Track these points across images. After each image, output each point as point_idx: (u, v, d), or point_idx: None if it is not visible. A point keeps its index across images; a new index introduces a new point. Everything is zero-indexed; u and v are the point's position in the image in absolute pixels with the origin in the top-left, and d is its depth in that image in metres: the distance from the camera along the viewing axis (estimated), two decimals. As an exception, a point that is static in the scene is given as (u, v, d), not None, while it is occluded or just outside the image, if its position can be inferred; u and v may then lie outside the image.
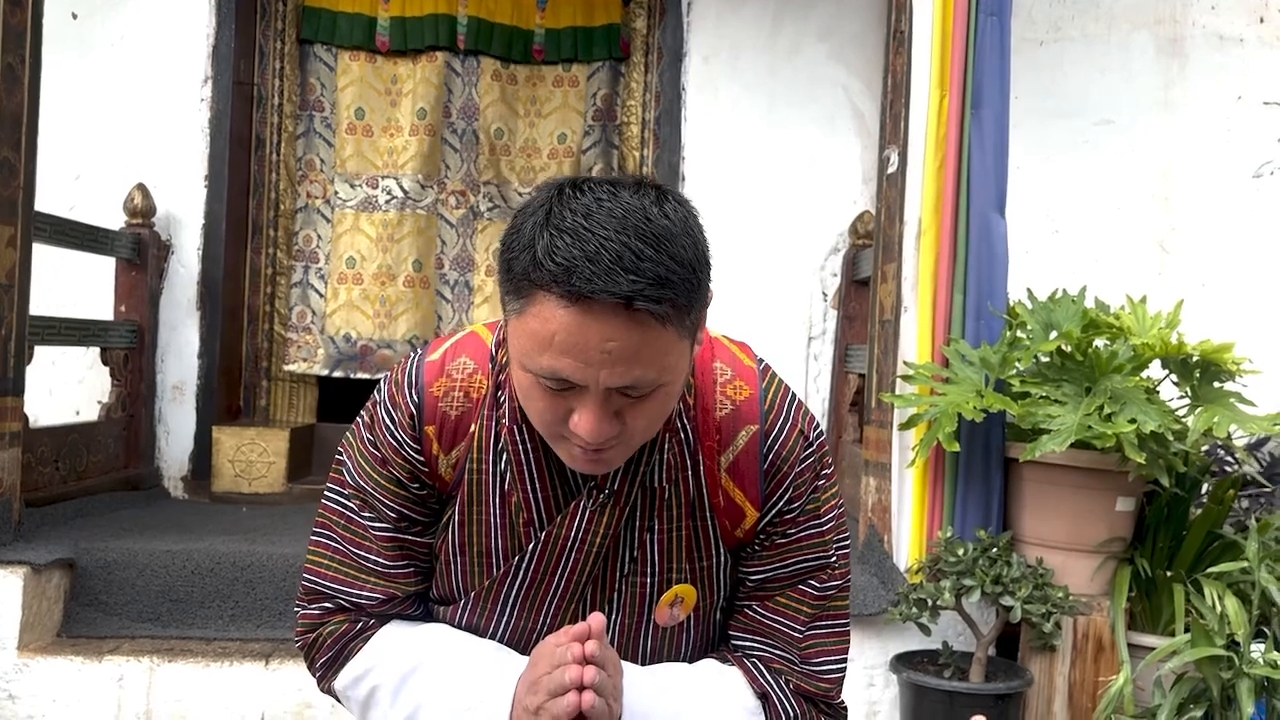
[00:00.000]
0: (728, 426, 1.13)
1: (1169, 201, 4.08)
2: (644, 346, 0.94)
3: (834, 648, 1.20)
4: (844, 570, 1.21)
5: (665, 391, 1.00)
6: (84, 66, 3.98)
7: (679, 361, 0.99)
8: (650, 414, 1.01)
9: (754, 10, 4.18)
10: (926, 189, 2.88)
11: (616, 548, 1.14)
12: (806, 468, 1.15)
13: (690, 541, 1.14)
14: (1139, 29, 4.11)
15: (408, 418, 1.14)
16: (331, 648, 1.20)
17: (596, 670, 1.00)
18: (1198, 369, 2.76)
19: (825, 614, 1.19)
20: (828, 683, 1.19)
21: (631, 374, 0.95)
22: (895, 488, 2.87)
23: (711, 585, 1.17)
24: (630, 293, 0.91)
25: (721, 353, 1.17)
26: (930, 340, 2.86)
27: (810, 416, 1.19)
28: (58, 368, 3.92)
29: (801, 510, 1.15)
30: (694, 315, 0.99)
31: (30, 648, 2.78)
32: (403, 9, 4.28)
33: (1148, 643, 2.66)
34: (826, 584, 1.19)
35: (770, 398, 1.16)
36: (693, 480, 1.13)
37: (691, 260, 0.95)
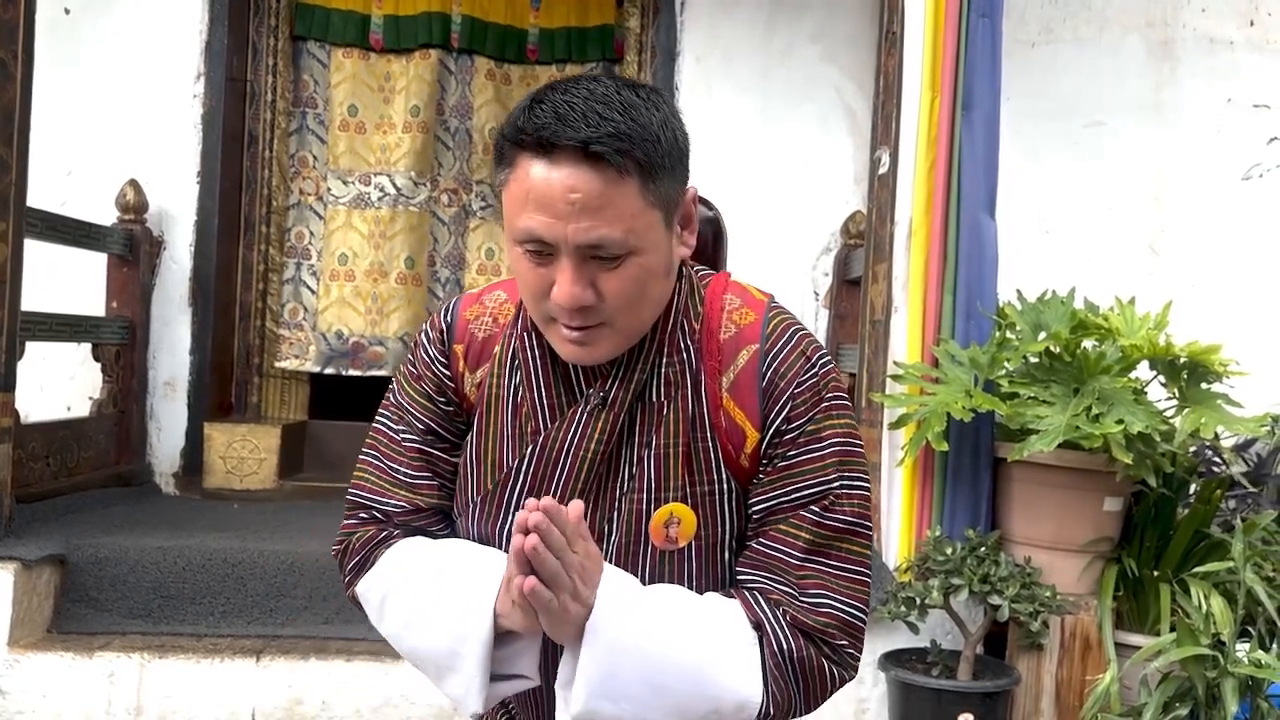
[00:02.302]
0: (730, 348, 1.15)
1: (1159, 203, 4.10)
2: (607, 201, 1.01)
3: (838, 587, 1.11)
4: (855, 510, 1.13)
5: (638, 264, 1.05)
6: (76, 62, 3.98)
7: (648, 231, 1.05)
8: (625, 289, 1.05)
9: (747, 11, 4.19)
10: (917, 190, 2.89)
11: (615, 463, 1.15)
12: (807, 388, 1.12)
13: (688, 460, 1.13)
14: (1130, 31, 4.14)
15: (439, 335, 1.24)
16: (358, 553, 1.26)
17: (543, 517, 1.00)
18: (1185, 370, 2.78)
19: (830, 550, 1.11)
20: (825, 618, 1.09)
21: (597, 231, 1.01)
22: (884, 487, 2.89)
23: (714, 513, 1.13)
24: (587, 138, 0.99)
25: (734, 288, 1.21)
26: (920, 340, 2.88)
27: (817, 345, 1.16)
28: (49, 363, 3.91)
29: (801, 431, 1.11)
30: (661, 184, 1.04)
31: (21, 644, 2.78)
32: (396, 7, 4.28)
33: (1134, 642, 2.68)
34: (829, 515, 1.11)
35: (774, 321, 1.16)
36: (693, 398, 1.14)
37: (654, 126, 1.03)
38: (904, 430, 2.80)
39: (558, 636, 1.06)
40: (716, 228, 1.36)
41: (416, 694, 2.78)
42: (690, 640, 1.07)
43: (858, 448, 1.16)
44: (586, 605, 1.04)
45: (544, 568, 1.01)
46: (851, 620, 1.12)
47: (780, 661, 1.08)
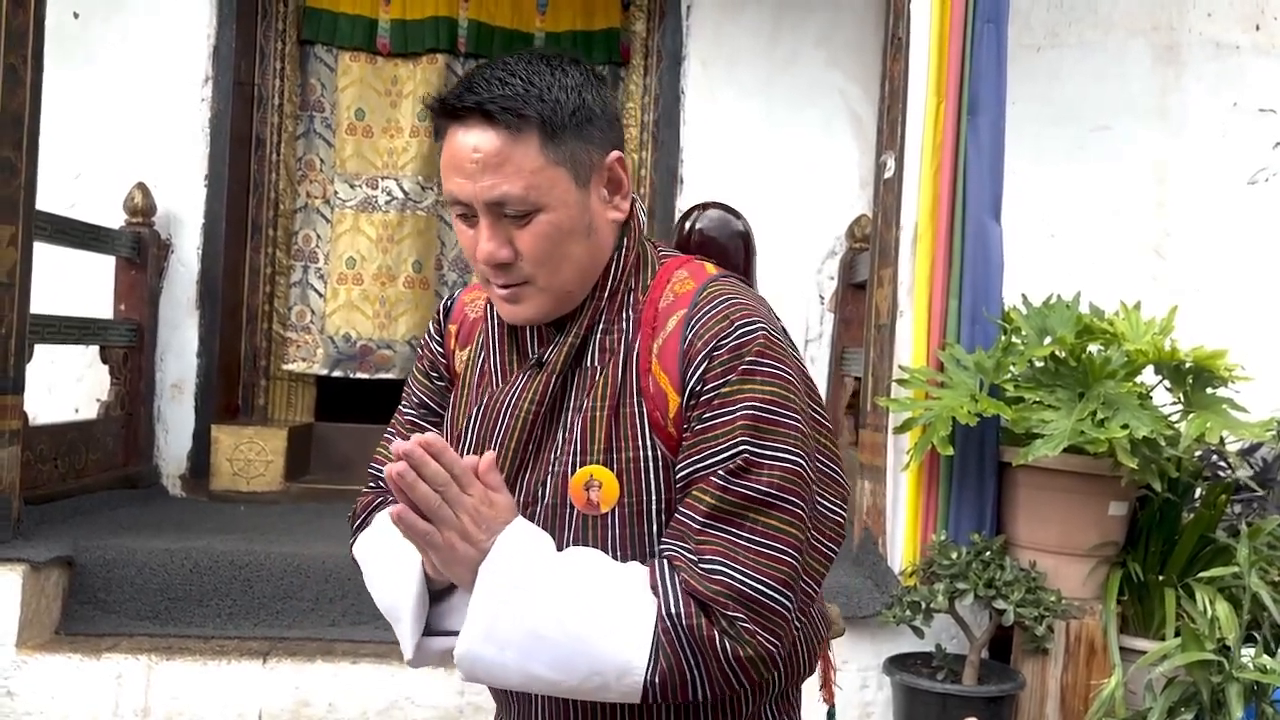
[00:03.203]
0: (664, 315, 1.15)
1: (1164, 207, 4.11)
2: (505, 159, 1.08)
3: (739, 557, 1.04)
4: (772, 481, 1.06)
5: (546, 221, 1.10)
6: (85, 66, 3.99)
7: (552, 188, 1.10)
8: (537, 245, 1.11)
9: (752, 15, 4.20)
10: (923, 194, 2.90)
11: (553, 427, 1.16)
12: (726, 350, 1.08)
13: (611, 424, 1.13)
14: (1136, 36, 4.14)
15: (439, 316, 1.33)
16: (359, 516, 1.34)
17: (413, 447, 1.02)
18: (1191, 375, 2.78)
19: (736, 519, 1.06)
20: (718, 585, 1.03)
21: (499, 188, 1.08)
22: (890, 491, 2.89)
23: (638, 480, 1.12)
24: (482, 100, 1.08)
25: (692, 266, 1.21)
26: (925, 344, 2.88)
27: (747, 311, 1.11)
28: (57, 366, 3.93)
29: (716, 394, 1.08)
30: (565, 144, 1.10)
31: (29, 645, 2.79)
32: (404, 11, 4.30)
33: (1139, 646, 2.68)
34: (735, 482, 1.06)
35: (709, 289, 1.15)
36: (624, 364, 1.14)
37: (555, 89, 1.09)
38: (909, 434, 2.80)
39: (452, 576, 1.09)
40: (747, 240, 1.36)
41: (422, 696, 2.79)
42: (583, 598, 1.05)
43: (784, 417, 1.08)
44: (479, 548, 1.06)
45: (417, 498, 1.03)
46: (750, 593, 1.04)
47: (668, 627, 1.03)
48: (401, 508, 1.04)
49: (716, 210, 1.40)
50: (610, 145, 1.15)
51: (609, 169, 1.15)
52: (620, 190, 1.17)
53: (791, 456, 1.08)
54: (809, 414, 1.13)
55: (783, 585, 1.06)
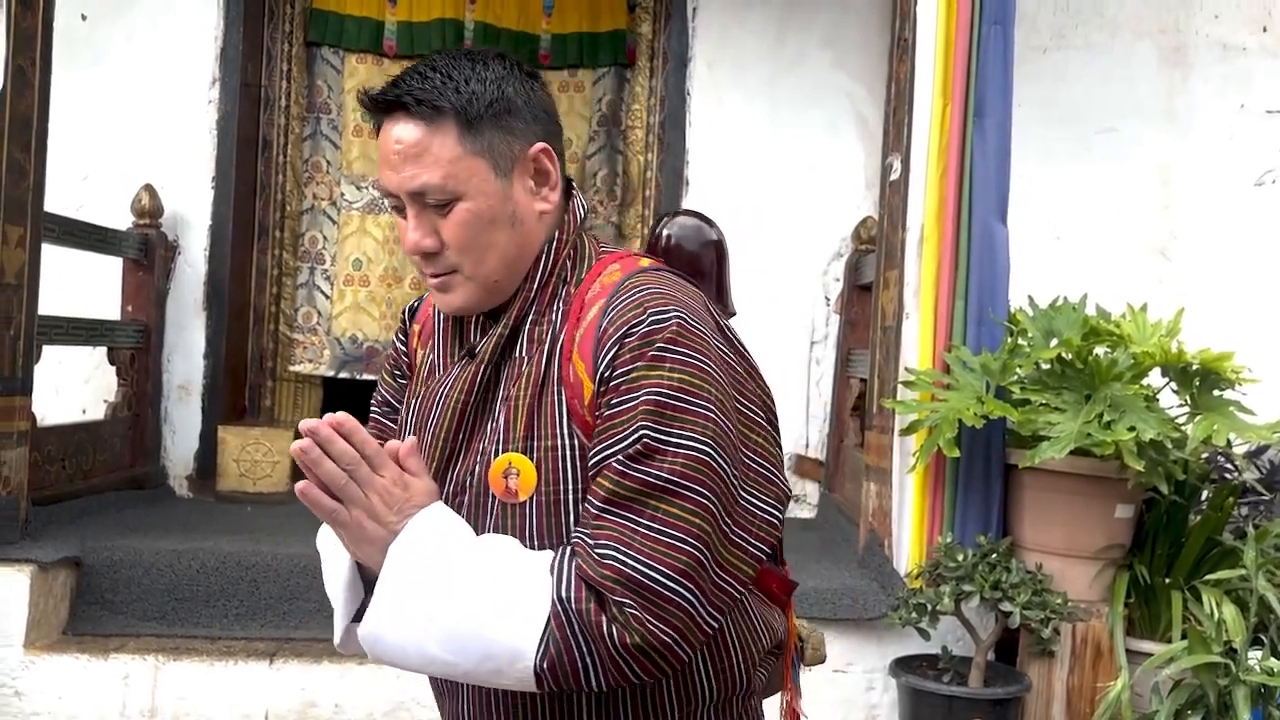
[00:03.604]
0: (589, 305, 1.16)
1: (1170, 209, 4.10)
2: (423, 149, 1.11)
3: (635, 543, 1.02)
4: (674, 468, 1.03)
5: (466, 210, 1.13)
6: (93, 68, 4.01)
7: (470, 178, 1.12)
8: (459, 234, 1.14)
9: (758, 18, 4.20)
10: (929, 196, 2.90)
11: (482, 417, 1.18)
12: (637, 336, 1.07)
13: (533, 413, 1.13)
14: (1142, 38, 4.13)
15: (406, 314, 1.36)
16: None
17: (318, 424, 1.06)
18: (1197, 377, 2.78)
19: (635, 504, 1.03)
20: (609, 570, 1.01)
21: (419, 178, 1.12)
22: (896, 493, 2.89)
23: (556, 469, 1.11)
24: (401, 92, 1.12)
25: (627, 260, 1.22)
26: (932, 346, 2.88)
27: (664, 299, 1.10)
28: (64, 367, 3.94)
29: (624, 379, 1.06)
30: (484, 135, 1.12)
31: (37, 645, 2.80)
32: (410, 13, 4.31)
33: (1146, 649, 2.68)
34: (634, 467, 1.04)
35: (633, 279, 1.14)
36: (548, 353, 1.15)
37: (474, 82, 1.12)
38: (915, 436, 2.80)
39: (362, 556, 1.10)
40: (720, 249, 1.36)
41: (428, 697, 2.79)
42: (482, 583, 1.05)
43: (692, 405, 1.05)
44: (389, 529, 1.07)
45: (323, 475, 1.06)
46: (641, 579, 1.01)
47: (559, 612, 1.02)
48: (305, 484, 1.06)
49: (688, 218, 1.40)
50: (535, 137, 1.16)
51: (533, 160, 1.16)
52: (548, 182, 1.18)
53: (698, 445, 1.04)
54: (735, 409, 1.10)
55: (681, 575, 1.02)
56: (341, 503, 1.07)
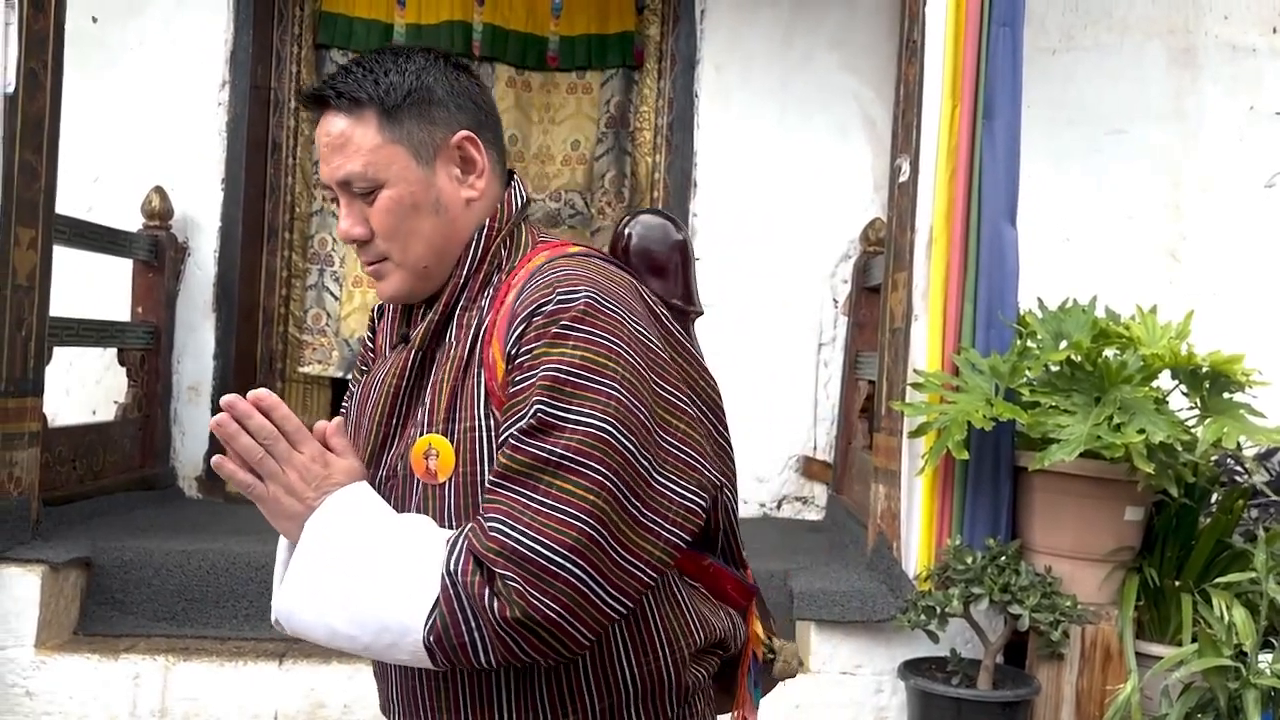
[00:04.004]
0: (513, 289, 1.18)
1: (1180, 211, 4.09)
2: (347, 140, 1.16)
3: (522, 517, 1.01)
4: (569, 444, 1.02)
5: (388, 197, 1.17)
6: (103, 70, 4.03)
7: (390, 165, 1.16)
8: (383, 220, 1.18)
9: (766, 20, 4.20)
10: (938, 198, 2.89)
11: (413, 402, 1.20)
12: (543, 314, 1.07)
13: (454, 396, 1.15)
14: (1151, 39, 4.13)
15: (375, 312, 1.39)
16: None
17: (234, 398, 1.11)
18: (1207, 380, 2.77)
19: (527, 479, 1.02)
20: (493, 543, 1.01)
21: (344, 167, 1.17)
22: (904, 495, 2.89)
23: (472, 450, 1.12)
24: (325, 88, 1.18)
25: (558, 248, 1.23)
26: (940, 348, 2.88)
27: (576, 279, 1.10)
28: (75, 368, 3.96)
29: (529, 357, 1.07)
30: (404, 124, 1.17)
31: (48, 645, 2.82)
32: (419, 16, 4.32)
33: (1155, 652, 2.67)
34: (527, 442, 1.03)
35: (555, 262, 1.15)
36: (473, 336, 1.17)
37: (393, 74, 1.17)
38: (924, 439, 2.80)
39: (283, 531, 1.14)
40: (685, 249, 1.37)
41: (437, 698, 2.80)
42: (385, 559, 1.06)
43: (593, 383, 1.04)
44: (306, 504, 1.11)
45: (240, 449, 1.11)
46: (526, 553, 1.00)
47: (446, 585, 1.02)
48: (220, 457, 1.11)
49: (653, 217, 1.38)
50: (459, 125, 1.19)
51: (457, 147, 1.19)
52: (474, 169, 1.20)
53: (596, 422, 1.03)
54: (652, 392, 1.09)
55: (568, 550, 1.00)
56: (261, 478, 1.11)
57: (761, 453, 4.16)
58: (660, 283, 1.30)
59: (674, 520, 1.07)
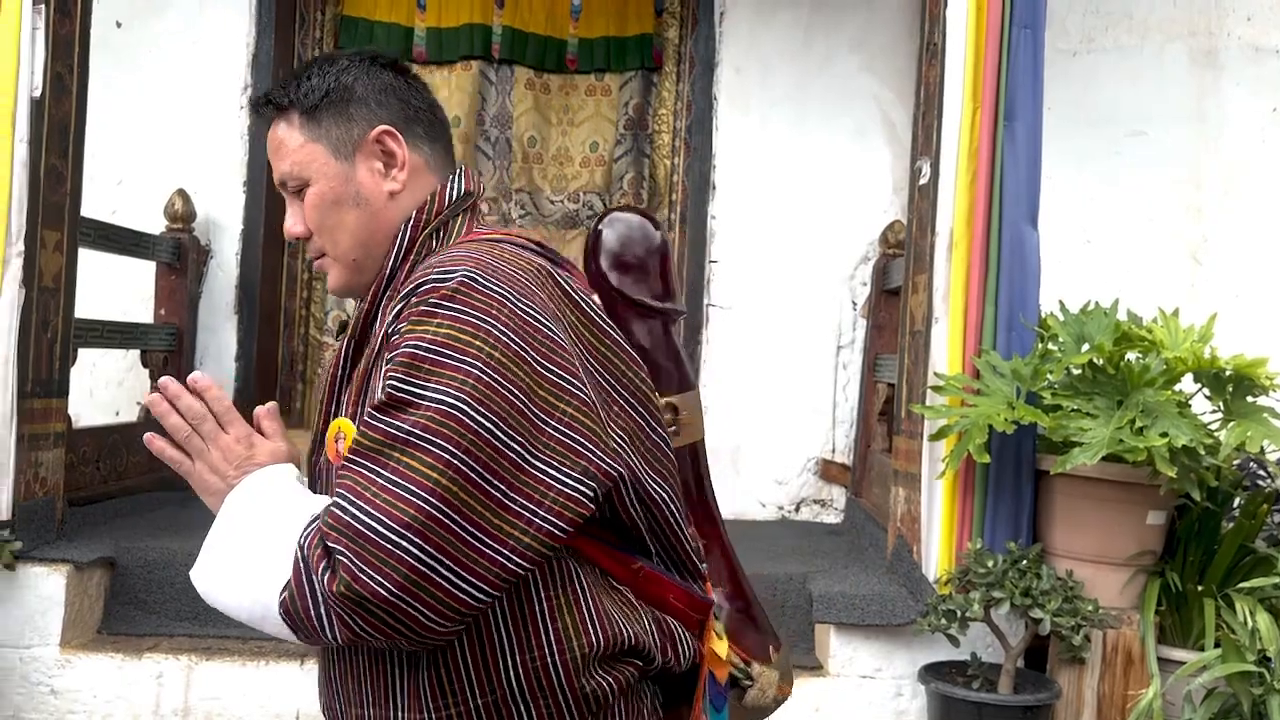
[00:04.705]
0: None
1: (1201, 213, 4.07)
2: (281, 142, 1.24)
3: (363, 492, 0.99)
4: (420, 421, 1.00)
5: (313, 193, 1.23)
6: (127, 74, 4.06)
7: (311, 163, 1.23)
8: (312, 216, 1.24)
9: (785, 22, 4.20)
10: (959, 200, 2.89)
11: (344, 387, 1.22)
12: (417, 295, 1.06)
13: (364, 380, 1.15)
14: (1173, 40, 4.10)
15: None
16: None
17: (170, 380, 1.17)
18: (1231, 383, 2.75)
19: (377, 455, 1.00)
20: (332, 518, 1.00)
21: (279, 168, 1.24)
22: (925, 498, 2.88)
23: None
24: (261, 98, 1.27)
25: (480, 234, 1.24)
26: (961, 351, 2.87)
27: (460, 261, 1.08)
28: (98, 369, 4.00)
29: (398, 335, 1.06)
30: (322, 123, 1.23)
31: (72, 644, 2.84)
32: (439, 19, 4.34)
33: (1178, 657, 2.66)
34: (379, 418, 1.02)
35: (456, 246, 1.16)
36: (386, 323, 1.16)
37: (315, 78, 1.24)
38: (945, 442, 2.79)
39: (210, 506, 1.18)
40: (664, 252, 1.34)
41: (457, 699, 2.81)
42: (270, 535, 1.08)
43: (453, 360, 1.02)
44: (227, 482, 1.16)
45: (169, 428, 1.16)
46: (358, 527, 0.98)
47: (296, 559, 1.02)
48: (151, 434, 1.18)
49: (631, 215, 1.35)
50: (378, 121, 1.23)
51: (376, 142, 1.23)
52: (392, 162, 1.24)
53: (449, 400, 1.00)
54: (534, 373, 1.04)
55: (404, 529, 0.97)
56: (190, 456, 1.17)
57: (780, 455, 4.16)
58: (638, 283, 1.30)
59: (549, 507, 1.02)
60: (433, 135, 1.27)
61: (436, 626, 0.99)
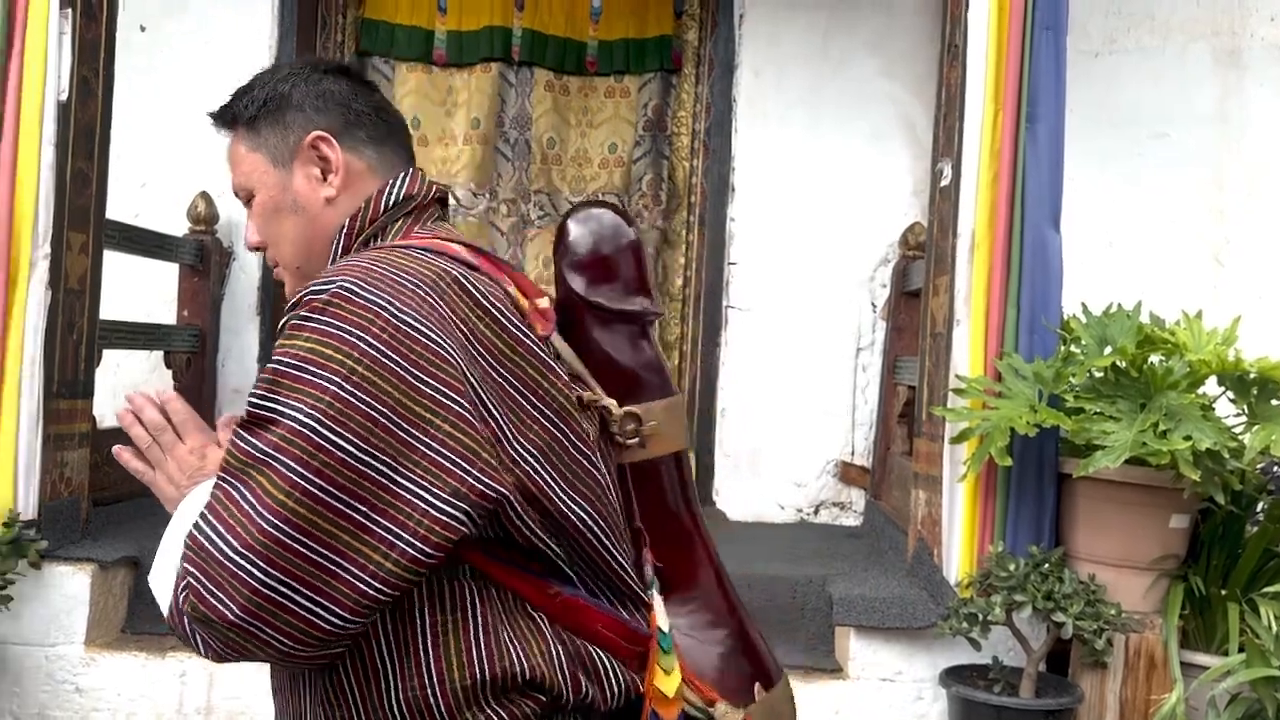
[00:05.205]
0: None
1: (1224, 214, 4.04)
2: (232, 154, 1.26)
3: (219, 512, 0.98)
4: (273, 440, 0.97)
5: (257, 203, 1.24)
6: (150, 77, 4.09)
7: (253, 172, 1.24)
8: (258, 225, 1.26)
9: (804, 24, 4.20)
10: (980, 202, 2.88)
11: None
12: (302, 304, 1.04)
13: None
14: (1196, 40, 4.08)
15: None
16: None
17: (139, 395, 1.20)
18: (1255, 386, 2.74)
19: (231, 472, 0.99)
20: (189, 538, 0.99)
21: (235, 178, 1.27)
22: (946, 501, 2.87)
23: None
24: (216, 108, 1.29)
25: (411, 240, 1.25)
26: (983, 354, 2.86)
27: (342, 271, 1.04)
28: (122, 370, 4.02)
29: (275, 348, 1.05)
30: (260, 133, 1.24)
31: (97, 643, 2.87)
32: (459, 22, 4.36)
33: (1201, 661, 2.64)
34: (241, 436, 1.00)
35: (359, 253, 1.14)
36: None
37: (255, 89, 1.25)
38: (966, 445, 2.78)
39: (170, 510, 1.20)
40: (638, 250, 1.25)
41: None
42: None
43: (312, 375, 0.99)
44: (180, 491, 1.18)
45: (134, 438, 1.19)
46: (207, 546, 0.96)
47: (176, 580, 1.02)
48: (119, 446, 1.21)
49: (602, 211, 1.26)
50: (314, 127, 1.22)
51: (311, 148, 1.22)
52: (328, 167, 1.22)
53: (301, 417, 0.97)
54: (405, 387, 0.99)
55: (249, 551, 0.94)
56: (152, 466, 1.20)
57: (799, 457, 4.16)
58: (600, 284, 1.22)
59: (413, 530, 0.97)
60: (378, 138, 1.25)
61: (293, 651, 0.97)
